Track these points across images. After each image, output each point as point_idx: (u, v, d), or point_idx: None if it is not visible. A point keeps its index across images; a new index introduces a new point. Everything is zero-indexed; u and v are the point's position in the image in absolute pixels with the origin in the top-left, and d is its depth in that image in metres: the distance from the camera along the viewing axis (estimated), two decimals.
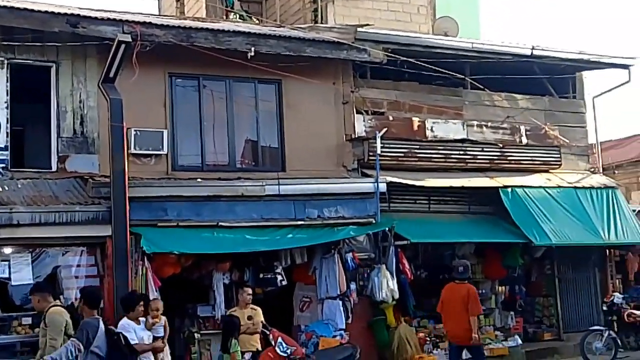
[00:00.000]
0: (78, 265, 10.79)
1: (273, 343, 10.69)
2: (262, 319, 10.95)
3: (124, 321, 8.99)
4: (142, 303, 9.29)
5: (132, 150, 11.94)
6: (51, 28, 11.52)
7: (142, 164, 12.27)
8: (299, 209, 12.83)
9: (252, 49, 12.59)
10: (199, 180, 12.45)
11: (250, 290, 11.19)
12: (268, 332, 10.82)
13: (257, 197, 12.49)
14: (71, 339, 7.76)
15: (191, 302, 12.32)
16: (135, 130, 11.99)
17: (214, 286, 11.92)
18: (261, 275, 12.35)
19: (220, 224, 11.94)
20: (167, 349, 9.58)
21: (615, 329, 14.39)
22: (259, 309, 11.04)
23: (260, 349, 10.70)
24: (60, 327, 8.02)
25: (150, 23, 12.44)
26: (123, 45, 10.67)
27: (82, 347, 7.62)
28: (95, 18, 11.90)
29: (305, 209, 12.91)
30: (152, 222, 11.37)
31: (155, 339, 9.25)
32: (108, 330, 8.13)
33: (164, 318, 9.56)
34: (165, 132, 12.45)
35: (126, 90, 11.14)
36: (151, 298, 10.09)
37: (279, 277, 12.39)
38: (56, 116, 12.04)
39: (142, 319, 9.21)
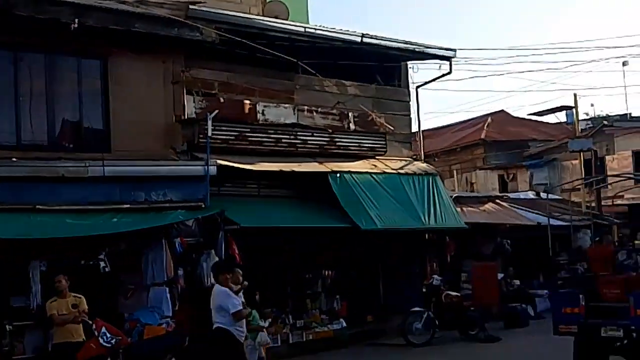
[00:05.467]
0: None
1: (96, 333, 10.18)
2: (86, 307, 10.34)
3: None
4: None
5: None
6: None
7: None
8: (125, 192, 12.38)
9: (76, 20, 11.77)
10: (14, 159, 11.60)
11: (61, 278, 10.43)
12: (91, 322, 10.25)
13: (79, 178, 11.89)
14: None
15: (4, 291, 11.40)
16: None
17: (30, 274, 11.11)
18: (83, 262, 11.70)
19: (37, 207, 11.24)
20: None
21: (435, 310, 15.08)
22: (82, 297, 10.44)
23: (84, 339, 10.12)
24: None
25: None
26: None
27: None
28: None
29: (131, 192, 12.48)
30: None
31: None
32: None
33: None
34: None
35: None
36: None
37: (102, 264, 11.77)
38: None
39: None
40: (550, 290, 14.11)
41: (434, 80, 18.66)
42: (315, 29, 15.67)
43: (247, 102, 14.65)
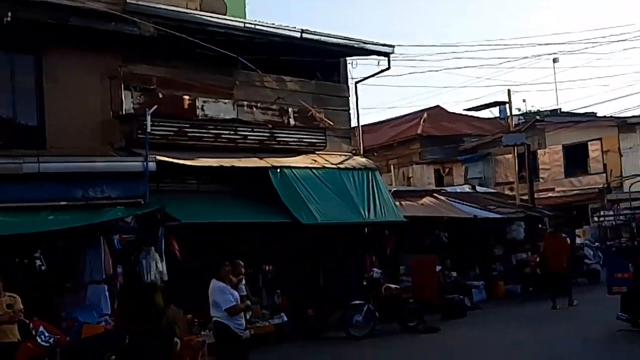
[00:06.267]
0: None
1: (34, 333, 9.98)
2: (22, 307, 10.10)
3: None
4: None
5: None
6: None
7: None
8: (61, 189, 12.13)
9: (9, 14, 11.48)
10: None
11: None
12: (28, 322, 10.03)
13: (13, 176, 11.59)
14: None
15: None
16: None
17: None
18: (17, 261, 11.45)
19: None
20: None
21: (375, 302, 15.24)
22: (17, 296, 10.16)
23: (19, 339, 9.89)
24: None
25: None
26: None
27: None
28: None
29: (68, 189, 12.22)
30: None
31: None
32: None
33: None
34: None
35: None
36: None
37: (38, 262, 11.58)
38: None
39: None
40: (605, 259, 17.49)
41: (372, 75, 18.88)
42: (255, 25, 15.63)
43: (187, 97, 14.54)
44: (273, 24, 15.89)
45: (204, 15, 15.02)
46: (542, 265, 19.05)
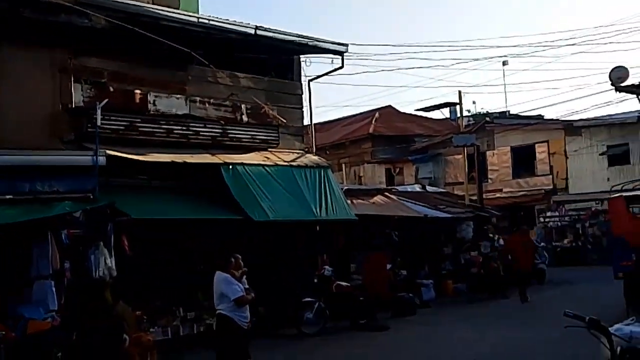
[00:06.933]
0: None
1: None
2: None
3: None
4: None
5: None
6: None
7: None
8: (8, 183, 11.85)
9: None
10: None
11: None
12: None
13: None
14: None
15: None
16: None
17: None
18: None
19: None
20: None
21: (326, 300, 15.30)
22: None
23: None
24: None
25: None
26: None
27: None
28: None
29: (14, 182, 11.95)
30: None
31: None
32: None
33: None
34: None
35: None
36: None
37: None
38: None
39: None
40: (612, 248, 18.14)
41: (326, 74, 18.97)
42: (209, 20, 15.52)
43: (138, 92, 14.36)
44: (227, 19, 15.81)
45: (157, 9, 14.83)
46: (505, 262, 20.16)
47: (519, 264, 19.22)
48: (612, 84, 30.67)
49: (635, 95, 30.92)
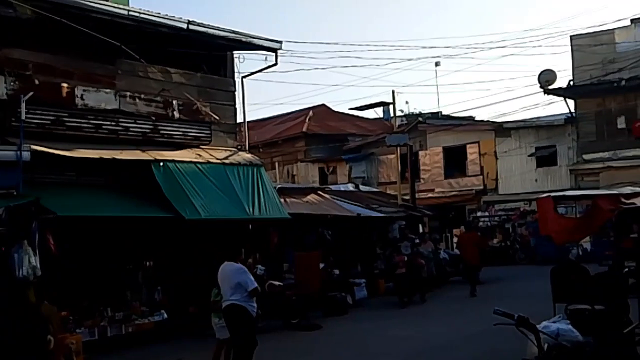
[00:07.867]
0: None
1: None
2: None
3: None
4: None
5: None
6: None
7: None
8: None
9: None
10: None
11: None
12: None
13: None
14: None
15: None
16: None
17: None
18: None
19: None
20: None
21: (258, 299, 15.12)
22: None
23: None
24: None
25: None
26: None
27: None
28: None
29: None
30: None
31: None
32: None
33: None
34: None
35: None
36: None
37: None
38: None
39: None
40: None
41: (259, 71, 18.81)
42: (140, 13, 15.19)
43: (65, 85, 13.95)
44: (159, 13, 15.50)
45: (86, 1, 14.41)
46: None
47: (467, 259, 20.76)
48: (540, 87, 31.62)
49: (562, 98, 31.97)
